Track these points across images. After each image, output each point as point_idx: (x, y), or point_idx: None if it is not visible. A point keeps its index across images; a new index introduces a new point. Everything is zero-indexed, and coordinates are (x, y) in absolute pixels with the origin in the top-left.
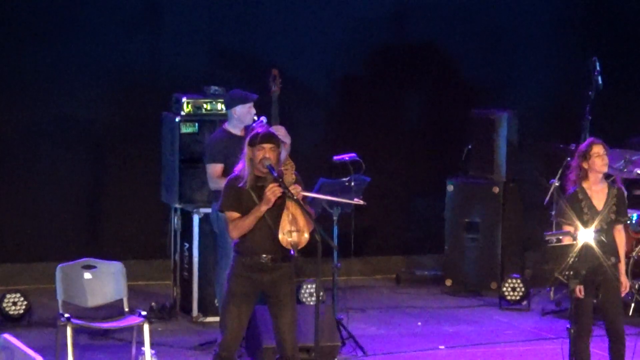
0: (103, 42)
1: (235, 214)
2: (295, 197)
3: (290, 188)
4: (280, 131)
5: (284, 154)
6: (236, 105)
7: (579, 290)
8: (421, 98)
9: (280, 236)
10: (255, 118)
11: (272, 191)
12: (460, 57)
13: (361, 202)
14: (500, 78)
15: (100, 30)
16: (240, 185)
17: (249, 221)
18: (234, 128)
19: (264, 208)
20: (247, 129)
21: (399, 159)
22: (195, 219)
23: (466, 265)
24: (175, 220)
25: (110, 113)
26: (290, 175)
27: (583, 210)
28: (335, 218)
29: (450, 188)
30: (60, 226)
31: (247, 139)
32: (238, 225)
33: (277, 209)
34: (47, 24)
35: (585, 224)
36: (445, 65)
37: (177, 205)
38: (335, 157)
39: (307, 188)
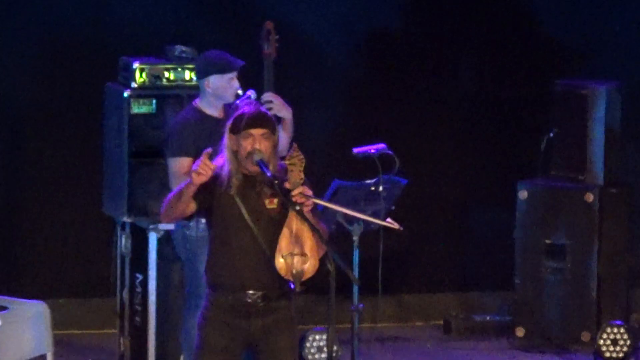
0: None
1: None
2: (299, 208)
3: (294, 192)
4: (274, 104)
5: (284, 137)
6: (210, 75)
7: None
8: (479, 66)
9: (277, 262)
10: (240, 92)
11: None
12: (535, 7)
13: (394, 224)
14: (594, 35)
15: None
16: (216, 186)
17: (176, 196)
18: (209, 106)
19: (192, 187)
20: (229, 108)
21: (448, 153)
22: (152, 238)
23: (546, 308)
24: (123, 241)
25: (30, 86)
26: (297, 174)
27: None
28: (355, 238)
29: (522, 195)
30: None
31: (229, 123)
32: (167, 202)
33: (273, 223)
34: None
35: None
36: (513, 18)
37: (126, 219)
38: (356, 150)
39: (316, 193)
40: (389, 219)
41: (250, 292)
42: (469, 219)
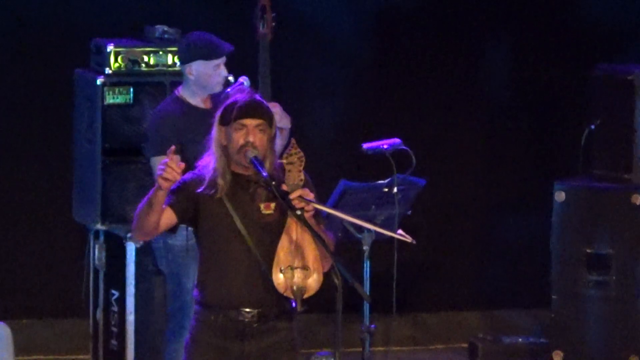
0: None
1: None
2: (300, 213)
3: (293, 195)
4: (274, 110)
5: (279, 144)
6: (193, 61)
7: None
8: (509, 49)
9: (275, 277)
10: (231, 79)
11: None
12: None
13: (407, 237)
14: None
15: None
16: (200, 190)
17: (145, 208)
18: (192, 96)
19: (160, 194)
20: (217, 97)
21: (473, 149)
22: (130, 249)
23: (588, 328)
24: (97, 252)
25: None
26: (296, 174)
27: None
28: (366, 247)
29: (559, 197)
30: None
31: (218, 113)
32: (137, 215)
33: (270, 231)
34: None
35: None
36: None
37: (99, 227)
38: (366, 146)
39: (320, 197)
40: (400, 231)
41: (245, 310)
42: (497, 225)
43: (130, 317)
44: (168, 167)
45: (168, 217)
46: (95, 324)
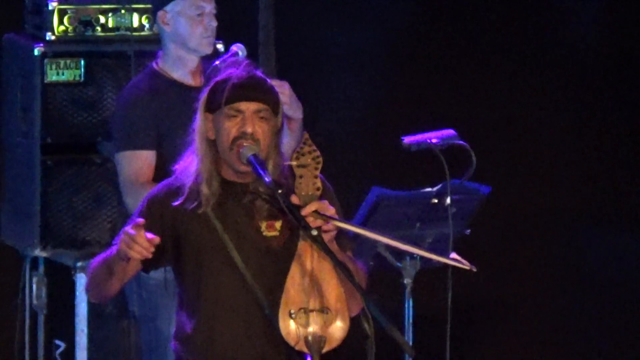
0: None
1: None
2: (316, 234)
3: (306, 210)
4: (282, 92)
5: (287, 143)
6: (168, 3)
7: None
8: (595, 19)
9: (282, 323)
10: (220, 47)
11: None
12: None
13: (463, 262)
14: None
15: None
16: (176, 203)
17: (103, 271)
18: (175, 67)
19: (122, 264)
20: (206, 72)
21: (553, 147)
22: (82, 284)
23: None
24: (35, 288)
25: None
26: (310, 181)
27: None
28: (408, 280)
29: None
30: None
31: (203, 94)
32: (91, 274)
33: (275, 260)
34: None
35: None
36: None
37: (39, 253)
38: (408, 140)
39: (345, 211)
40: (454, 255)
41: None
42: (588, 247)
43: None
44: (134, 244)
45: (133, 267)
46: None
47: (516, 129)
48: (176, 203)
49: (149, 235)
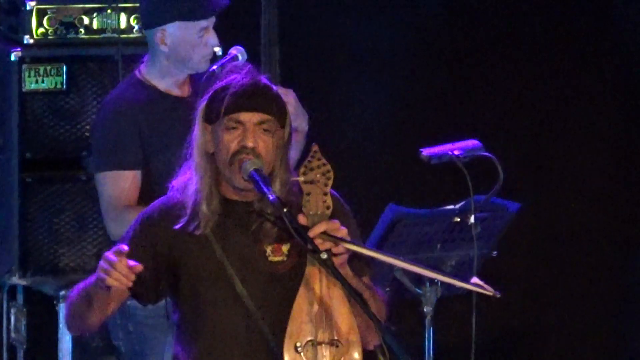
0: None
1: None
2: (326, 257)
3: (315, 231)
4: (286, 101)
5: (295, 153)
6: (168, 22)
7: None
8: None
9: (290, 357)
10: (217, 50)
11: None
12: None
13: (487, 288)
14: None
15: None
16: (177, 226)
17: (82, 303)
18: (163, 77)
19: (102, 293)
20: (198, 79)
21: (592, 158)
22: (64, 314)
23: None
24: (13, 320)
25: None
26: (319, 198)
27: None
28: (428, 309)
29: None
30: None
31: (201, 104)
32: (70, 305)
33: (281, 287)
34: None
35: None
36: None
37: (17, 281)
38: (427, 152)
39: (360, 232)
40: (475, 279)
41: None
42: (627, 272)
43: None
44: (112, 271)
45: (117, 298)
46: None
47: (548, 140)
48: (177, 227)
49: (131, 263)
